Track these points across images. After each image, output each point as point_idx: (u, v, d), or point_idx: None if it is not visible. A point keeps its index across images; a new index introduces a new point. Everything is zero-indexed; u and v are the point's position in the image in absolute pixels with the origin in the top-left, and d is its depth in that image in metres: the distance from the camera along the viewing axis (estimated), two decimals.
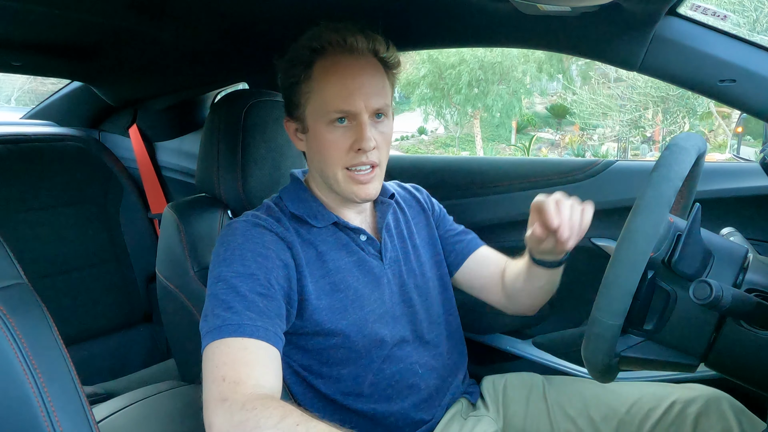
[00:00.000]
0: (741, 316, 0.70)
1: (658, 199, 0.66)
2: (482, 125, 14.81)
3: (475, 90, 14.27)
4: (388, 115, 0.98)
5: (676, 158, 0.71)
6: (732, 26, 5.71)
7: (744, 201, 1.27)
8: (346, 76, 0.93)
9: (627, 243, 0.65)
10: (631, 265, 0.64)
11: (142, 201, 2.09)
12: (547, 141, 15.68)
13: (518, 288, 1.09)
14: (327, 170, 0.97)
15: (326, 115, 0.93)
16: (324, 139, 0.95)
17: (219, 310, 0.83)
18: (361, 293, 1.00)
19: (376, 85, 0.95)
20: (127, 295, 2.03)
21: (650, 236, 0.65)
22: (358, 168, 0.94)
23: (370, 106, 0.93)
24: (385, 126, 0.97)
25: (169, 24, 1.30)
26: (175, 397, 1.26)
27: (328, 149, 0.95)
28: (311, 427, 0.67)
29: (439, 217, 1.21)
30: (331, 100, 0.93)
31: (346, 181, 0.96)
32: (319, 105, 0.94)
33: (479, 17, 1.19)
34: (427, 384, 1.05)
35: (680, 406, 0.99)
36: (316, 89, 0.95)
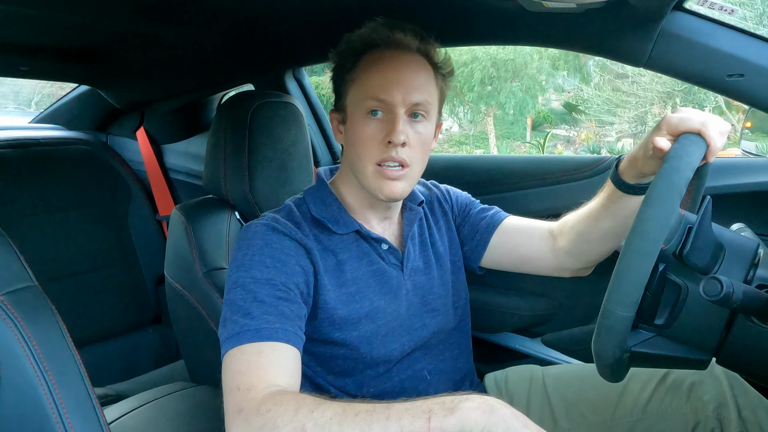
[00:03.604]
0: (752, 312, 0.69)
1: (670, 190, 0.65)
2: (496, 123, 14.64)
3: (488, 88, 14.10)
4: (428, 118, 0.96)
5: (686, 150, 0.70)
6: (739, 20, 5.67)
7: (754, 196, 1.26)
8: (388, 67, 0.93)
9: (638, 233, 0.65)
10: (643, 255, 0.64)
11: (150, 203, 2.10)
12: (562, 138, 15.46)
13: (594, 233, 1.00)
14: (358, 163, 0.95)
15: (363, 104, 0.93)
16: (358, 131, 0.94)
17: (237, 316, 0.83)
18: (377, 306, 0.99)
19: (418, 80, 0.94)
20: (136, 297, 2.04)
21: (662, 226, 0.64)
22: (387, 163, 0.92)
23: (408, 100, 0.92)
24: (422, 127, 0.95)
25: (175, 27, 1.31)
26: (185, 399, 1.27)
27: (361, 141, 0.94)
28: (325, 408, 0.67)
29: (462, 207, 1.16)
30: (370, 88, 0.92)
31: (374, 176, 0.93)
32: (358, 94, 0.94)
33: (485, 15, 1.19)
34: (436, 389, 1.05)
35: (675, 374, 1.01)
36: (357, 79, 0.95)
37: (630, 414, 1.02)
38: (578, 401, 1.07)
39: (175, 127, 2.10)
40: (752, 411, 0.93)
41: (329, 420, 0.65)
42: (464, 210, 1.16)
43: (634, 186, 0.90)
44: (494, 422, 0.60)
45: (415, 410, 0.63)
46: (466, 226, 1.15)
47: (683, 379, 1.00)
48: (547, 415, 1.09)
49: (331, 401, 0.69)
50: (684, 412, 0.98)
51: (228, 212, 1.35)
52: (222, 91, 2.01)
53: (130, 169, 2.09)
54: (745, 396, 0.95)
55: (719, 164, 1.31)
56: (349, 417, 0.65)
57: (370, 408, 0.66)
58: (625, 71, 12.44)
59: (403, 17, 0.98)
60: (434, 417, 0.62)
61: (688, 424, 0.97)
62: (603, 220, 0.97)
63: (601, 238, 1.01)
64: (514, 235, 1.11)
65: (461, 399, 0.62)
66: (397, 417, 0.63)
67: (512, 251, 1.11)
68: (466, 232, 1.15)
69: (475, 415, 0.60)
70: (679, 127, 0.76)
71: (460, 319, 1.12)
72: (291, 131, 1.34)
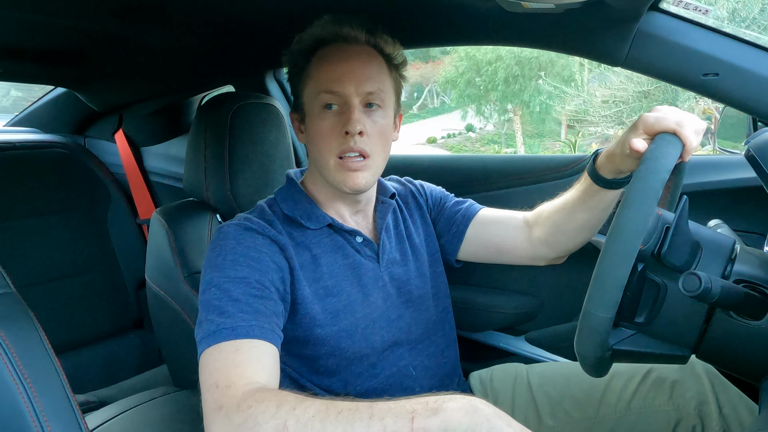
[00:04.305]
0: (730, 307, 0.71)
1: (647, 192, 0.66)
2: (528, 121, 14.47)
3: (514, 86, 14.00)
4: (384, 107, 0.97)
5: (662, 151, 0.71)
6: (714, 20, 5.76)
7: (731, 193, 1.29)
8: (339, 60, 0.94)
9: (617, 236, 0.66)
10: (622, 257, 0.65)
11: (129, 207, 2.07)
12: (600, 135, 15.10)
13: (569, 225, 1.02)
14: (320, 159, 0.96)
15: (318, 99, 0.94)
16: (316, 126, 0.95)
17: (213, 315, 0.82)
18: (354, 298, 1.00)
19: (369, 70, 0.95)
20: (117, 302, 2.02)
21: (640, 229, 0.65)
22: (347, 154, 0.93)
23: (361, 90, 0.93)
24: (379, 117, 0.96)
25: (154, 28, 1.29)
26: (169, 403, 1.26)
27: (320, 136, 0.95)
28: (307, 406, 0.67)
29: (437, 201, 1.18)
30: (322, 82, 0.94)
31: (336, 169, 0.94)
32: (312, 90, 0.96)
33: (464, 16, 1.19)
34: (422, 386, 1.05)
35: (657, 372, 1.02)
36: (310, 76, 0.96)
37: (614, 411, 1.03)
38: (563, 399, 1.08)
39: (155, 130, 2.08)
40: (733, 408, 0.95)
41: (312, 417, 0.65)
42: (439, 203, 1.17)
43: (611, 181, 0.91)
44: (478, 422, 0.60)
45: (399, 410, 0.63)
46: (441, 219, 1.16)
47: (665, 377, 1.01)
48: (531, 413, 1.09)
49: (314, 399, 0.68)
50: (666, 410, 0.99)
51: (209, 215, 1.34)
52: (202, 92, 2.00)
53: (109, 173, 2.07)
54: (726, 393, 0.97)
55: (697, 162, 1.33)
56: (331, 415, 0.65)
57: (353, 407, 0.65)
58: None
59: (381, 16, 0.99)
60: (417, 417, 0.61)
61: (671, 421, 0.99)
62: (579, 212, 0.99)
63: (576, 230, 1.02)
64: (490, 226, 1.12)
65: (445, 399, 0.62)
66: (380, 416, 0.63)
67: (488, 242, 1.12)
68: (441, 225, 1.16)
69: (459, 416, 0.61)
70: (655, 126, 0.77)
71: (442, 312, 1.13)
72: (272, 133, 1.33)
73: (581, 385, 1.07)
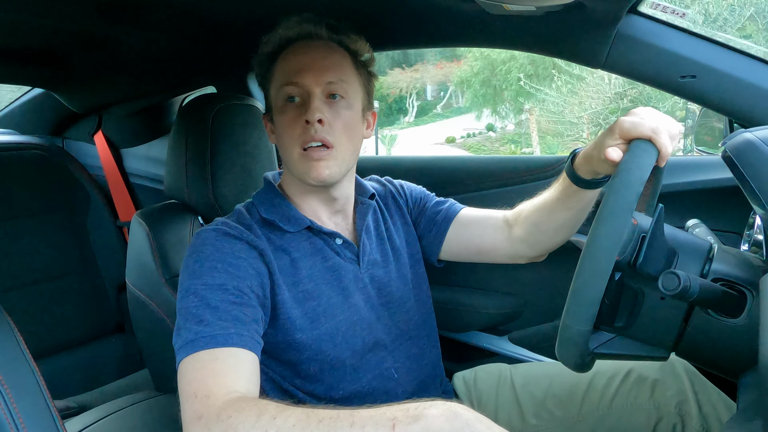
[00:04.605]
0: (708, 305, 0.72)
1: (620, 207, 0.66)
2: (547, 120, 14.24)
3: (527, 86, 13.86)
4: (348, 99, 0.97)
5: (636, 162, 0.71)
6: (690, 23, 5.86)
7: (708, 193, 1.31)
8: (300, 54, 0.96)
9: (592, 252, 0.66)
10: (597, 273, 0.66)
11: (109, 209, 2.04)
12: None
13: (549, 224, 1.03)
14: (285, 152, 0.97)
15: (280, 93, 0.95)
16: (280, 120, 0.96)
17: (190, 323, 0.81)
18: (334, 301, 0.99)
19: (330, 61, 0.96)
20: (98, 306, 1.99)
21: (614, 245, 0.65)
22: (310, 144, 0.93)
23: (321, 80, 0.93)
24: (343, 109, 0.96)
25: (134, 28, 1.28)
26: (151, 408, 1.24)
27: (283, 128, 0.95)
28: (289, 415, 0.66)
29: (417, 201, 1.18)
30: (284, 75, 0.95)
31: (300, 160, 0.94)
32: (275, 86, 0.97)
33: (446, 17, 1.20)
34: (405, 388, 1.05)
35: (638, 372, 1.03)
36: (274, 74, 0.98)
37: (596, 409, 1.04)
38: (546, 398, 1.09)
39: (135, 131, 2.05)
40: (712, 406, 0.97)
41: (292, 426, 0.65)
42: (419, 204, 1.17)
43: (589, 181, 0.92)
44: (458, 427, 0.60)
45: (380, 417, 0.63)
46: (422, 220, 1.16)
47: (646, 376, 1.02)
48: (515, 412, 1.10)
49: (295, 407, 0.68)
50: (647, 408, 1.01)
51: (191, 217, 1.33)
52: (183, 93, 1.98)
53: (89, 175, 2.04)
54: (705, 392, 0.98)
55: (675, 162, 1.36)
56: (312, 423, 0.64)
57: (334, 415, 0.65)
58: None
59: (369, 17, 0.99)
60: (399, 425, 0.61)
61: (651, 419, 1.00)
62: (558, 212, 1.00)
63: (556, 229, 1.03)
64: (470, 227, 1.12)
65: (426, 406, 0.62)
66: (362, 424, 0.63)
67: (468, 243, 1.13)
68: (422, 226, 1.16)
69: (440, 422, 0.60)
70: (630, 132, 0.77)
71: (423, 313, 1.13)
72: (254, 134, 1.33)
73: (564, 384, 1.08)
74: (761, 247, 0.92)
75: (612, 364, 1.06)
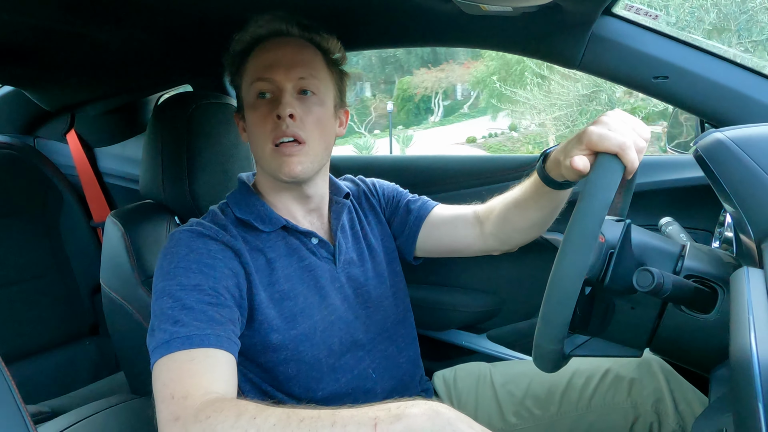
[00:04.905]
0: (681, 301, 0.74)
1: (585, 236, 0.65)
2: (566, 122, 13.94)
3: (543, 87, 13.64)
4: (320, 95, 0.96)
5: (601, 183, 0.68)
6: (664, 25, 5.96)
7: (681, 191, 1.34)
8: (270, 51, 0.96)
9: (558, 279, 0.66)
10: (564, 300, 0.66)
11: (83, 209, 2.01)
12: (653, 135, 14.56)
13: (521, 222, 1.03)
14: (257, 149, 0.96)
15: (251, 89, 0.95)
16: (251, 116, 0.96)
17: (165, 324, 0.80)
18: (311, 301, 0.99)
19: (301, 57, 0.96)
20: (71, 308, 1.95)
21: (579, 273, 0.65)
22: (282, 140, 0.92)
23: (291, 75, 0.93)
24: (314, 104, 0.96)
25: (108, 25, 1.25)
26: (126, 411, 1.22)
27: (255, 124, 0.95)
28: (268, 415, 0.66)
29: (390, 199, 1.18)
30: (255, 71, 0.95)
31: (272, 156, 0.93)
32: (246, 83, 0.97)
33: (423, 17, 1.20)
34: (383, 387, 1.05)
35: (615, 371, 1.05)
36: (246, 70, 0.97)
37: (575, 408, 1.06)
38: (525, 397, 1.10)
39: (109, 130, 2.02)
40: (688, 404, 0.98)
41: (272, 426, 0.64)
42: (392, 203, 1.18)
43: (560, 183, 0.91)
44: (440, 426, 0.60)
45: (361, 417, 0.63)
46: (395, 220, 1.16)
47: (623, 375, 1.04)
48: (495, 411, 1.11)
49: (275, 407, 0.67)
50: (625, 407, 1.02)
51: (167, 217, 1.31)
52: (158, 92, 1.95)
53: (61, 174, 2.00)
54: (681, 390, 1.00)
55: (649, 161, 1.38)
56: (293, 423, 0.64)
57: (315, 414, 0.65)
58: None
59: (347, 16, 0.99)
60: (380, 424, 0.61)
61: (629, 418, 1.02)
62: (531, 210, 1.00)
63: (528, 227, 1.04)
64: (441, 226, 1.13)
65: (407, 405, 0.62)
66: (343, 424, 0.63)
67: (441, 241, 1.13)
68: (396, 225, 1.16)
69: (421, 421, 0.61)
70: (597, 146, 0.73)
71: (401, 312, 1.13)
72: (231, 133, 1.31)
73: (543, 383, 1.09)
74: (731, 245, 0.95)
75: (589, 365, 1.08)
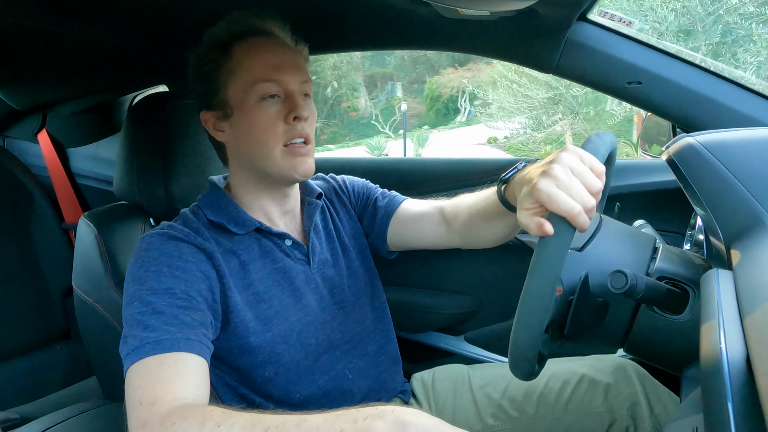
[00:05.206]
0: (653, 302, 0.75)
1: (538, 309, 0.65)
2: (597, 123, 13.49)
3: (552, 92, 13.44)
4: (311, 98, 1.00)
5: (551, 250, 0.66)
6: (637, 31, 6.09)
7: (653, 195, 1.36)
8: (272, 52, 0.94)
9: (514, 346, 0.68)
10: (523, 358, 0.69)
11: (54, 211, 1.96)
12: None
13: (485, 231, 1.02)
14: (262, 150, 0.94)
15: (255, 89, 0.92)
16: (256, 117, 0.93)
17: (136, 330, 0.79)
18: (286, 303, 0.98)
19: (300, 61, 0.97)
20: (42, 312, 1.91)
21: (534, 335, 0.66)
22: (294, 141, 0.94)
23: (298, 78, 0.94)
24: (311, 106, 0.99)
25: (80, 24, 1.23)
26: (99, 417, 1.20)
27: (262, 126, 0.93)
28: (233, 423, 0.64)
29: (359, 195, 1.18)
30: (259, 73, 0.92)
31: (284, 157, 0.94)
32: (244, 82, 0.93)
33: (402, 20, 1.21)
34: (360, 388, 1.05)
35: (591, 376, 1.06)
36: (239, 68, 0.94)
37: (552, 411, 1.06)
38: (503, 399, 1.10)
39: (82, 130, 1.98)
40: (663, 407, 0.99)
41: None
42: (362, 199, 1.18)
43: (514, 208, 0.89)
44: None
45: (327, 427, 0.61)
46: (365, 216, 1.17)
47: (599, 380, 1.05)
48: (472, 413, 1.11)
49: (241, 413, 0.66)
50: (601, 411, 1.03)
51: (142, 219, 1.29)
52: (133, 92, 1.92)
53: (32, 175, 1.95)
54: (656, 394, 1.01)
55: (623, 165, 1.41)
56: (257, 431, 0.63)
57: (280, 422, 0.63)
58: None
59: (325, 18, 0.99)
60: None
61: (605, 422, 1.03)
62: (495, 224, 0.99)
63: (491, 236, 1.03)
64: (408, 224, 1.12)
65: (375, 416, 0.60)
66: None
67: (408, 238, 1.13)
68: (366, 222, 1.17)
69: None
70: (546, 205, 0.69)
71: (378, 309, 1.13)
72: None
73: (520, 386, 1.10)
74: (702, 247, 0.97)
75: (566, 369, 1.08)
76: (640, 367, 1.05)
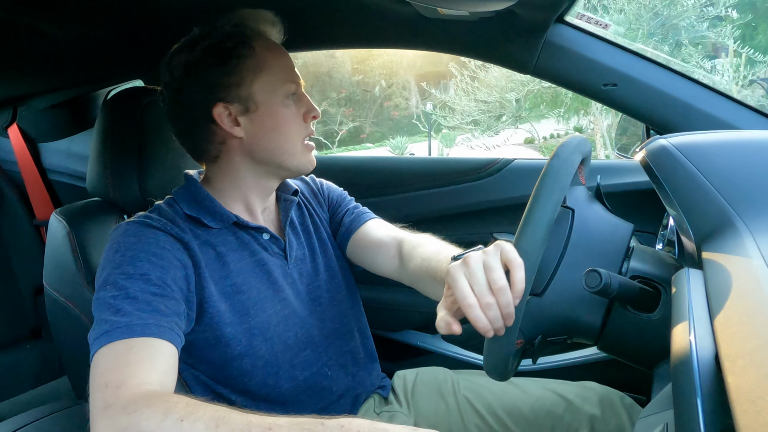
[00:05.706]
0: (627, 301, 0.76)
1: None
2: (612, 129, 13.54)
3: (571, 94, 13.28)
4: None
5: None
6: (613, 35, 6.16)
7: (627, 195, 1.38)
8: (284, 52, 0.99)
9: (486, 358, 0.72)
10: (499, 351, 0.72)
11: (25, 207, 1.92)
12: None
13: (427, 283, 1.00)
14: (286, 146, 0.97)
15: (282, 88, 0.96)
16: (281, 114, 0.96)
17: (107, 314, 0.77)
18: (264, 295, 0.98)
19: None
20: (12, 310, 1.87)
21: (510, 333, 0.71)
22: (309, 137, 1.01)
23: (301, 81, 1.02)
24: None
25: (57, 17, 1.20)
26: (70, 418, 1.18)
27: (287, 123, 0.97)
28: (197, 419, 0.63)
29: (332, 203, 1.19)
30: (283, 72, 0.97)
31: (303, 152, 1.00)
32: (272, 80, 0.95)
33: (382, 19, 1.21)
34: (338, 384, 1.05)
35: (577, 405, 1.04)
36: (264, 65, 0.95)
37: None
38: (487, 414, 1.09)
39: (54, 125, 1.94)
40: None
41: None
42: (334, 206, 1.19)
43: None
44: None
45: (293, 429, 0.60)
46: (332, 224, 1.18)
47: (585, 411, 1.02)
48: (456, 422, 1.11)
49: (206, 407, 0.65)
50: None
51: (115, 216, 1.27)
52: (108, 86, 1.89)
53: (2, 170, 1.91)
54: None
55: (597, 166, 1.43)
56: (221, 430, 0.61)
57: (246, 422, 0.62)
58: None
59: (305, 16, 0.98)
60: None
61: None
62: (437, 286, 0.95)
63: (434, 294, 0.99)
64: (364, 248, 1.12)
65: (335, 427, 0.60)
66: None
67: (363, 260, 1.13)
68: (332, 229, 1.17)
69: None
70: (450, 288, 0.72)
71: (353, 306, 1.14)
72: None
73: (506, 403, 1.08)
74: (674, 246, 0.99)
75: (554, 393, 1.07)
76: (627, 398, 1.04)
